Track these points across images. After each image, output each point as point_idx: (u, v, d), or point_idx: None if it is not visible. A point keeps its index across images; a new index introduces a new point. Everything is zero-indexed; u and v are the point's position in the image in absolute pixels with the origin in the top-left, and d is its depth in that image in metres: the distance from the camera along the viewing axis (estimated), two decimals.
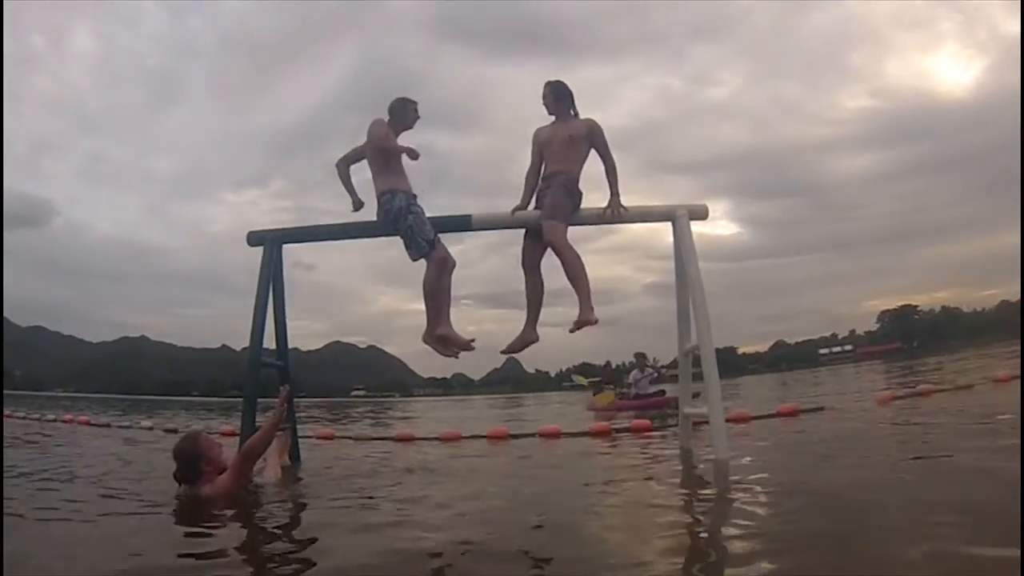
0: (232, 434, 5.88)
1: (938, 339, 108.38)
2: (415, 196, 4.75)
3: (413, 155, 4.67)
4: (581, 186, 4.86)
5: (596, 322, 4.68)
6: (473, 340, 4.87)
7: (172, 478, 3.73)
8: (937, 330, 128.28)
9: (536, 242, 4.81)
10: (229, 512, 3.36)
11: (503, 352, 5.05)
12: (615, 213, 4.76)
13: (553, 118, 4.98)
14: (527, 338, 4.91)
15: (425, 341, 4.79)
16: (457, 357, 4.89)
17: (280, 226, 5.10)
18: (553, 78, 5.03)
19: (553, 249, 4.67)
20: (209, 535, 2.85)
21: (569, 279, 4.68)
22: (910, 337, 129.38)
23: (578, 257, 4.67)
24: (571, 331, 4.72)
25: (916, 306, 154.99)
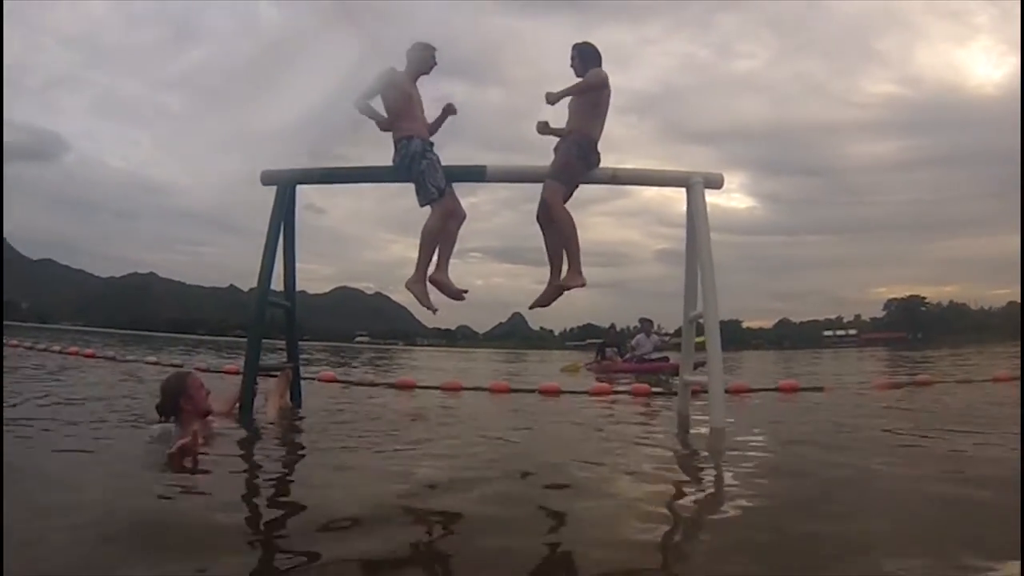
0: (236, 372, 5.94)
1: (943, 332, 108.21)
2: (431, 143, 4.73)
3: (452, 110, 4.87)
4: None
5: (583, 285, 4.69)
6: (466, 291, 4.88)
7: (155, 409, 3.77)
8: (943, 323, 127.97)
9: None
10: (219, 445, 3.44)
11: (531, 307, 5.04)
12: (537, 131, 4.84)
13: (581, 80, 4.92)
14: (556, 288, 4.90)
15: (408, 287, 4.74)
16: (435, 312, 4.86)
17: (294, 167, 5.07)
18: (579, 39, 4.96)
19: (548, 208, 4.67)
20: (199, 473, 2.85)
21: (560, 241, 4.71)
22: (915, 328, 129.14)
23: (571, 220, 4.68)
24: (554, 294, 4.74)
25: (924, 298, 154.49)
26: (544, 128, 4.99)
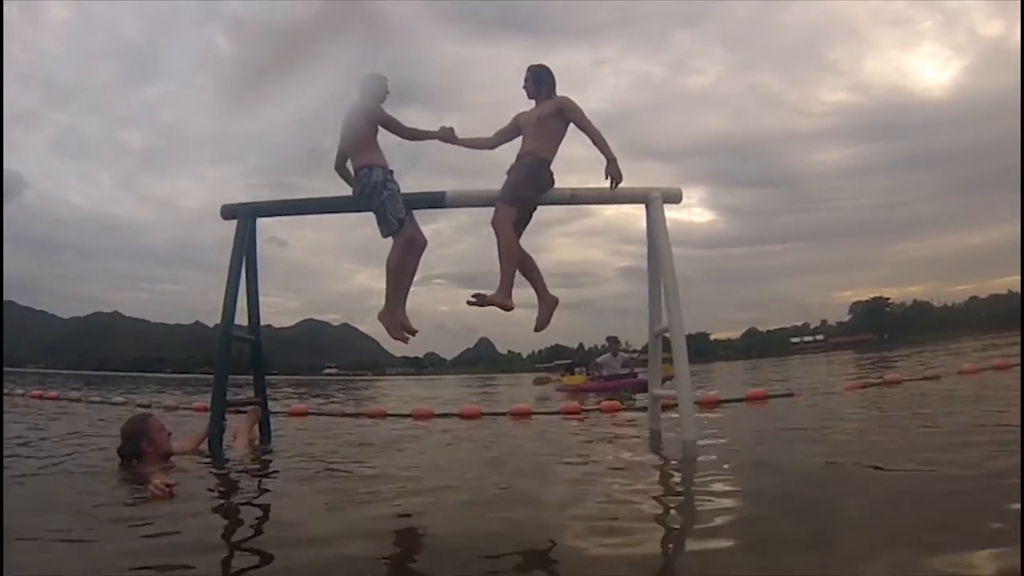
0: (204, 409, 5.86)
1: (909, 331, 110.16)
2: (391, 172, 4.73)
3: (450, 138, 4.94)
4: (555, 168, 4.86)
5: (510, 309, 4.66)
6: (416, 332, 4.89)
7: (116, 453, 3.75)
8: (908, 322, 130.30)
9: (516, 219, 4.79)
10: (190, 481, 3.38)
11: (536, 331, 5.00)
12: (613, 180, 4.71)
13: (533, 103, 4.98)
14: (548, 306, 4.93)
15: (380, 319, 4.79)
16: (406, 342, 4.88)
17: (255, 200, 5.04)
18: (535, 62, 5.01)
19: (494, 229, 4.67)
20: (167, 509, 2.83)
21: (500, 257, 4.68)
22: (881, 329, 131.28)
23: (510, 243, 4.66)
24: (477, 304, 4.71)
25: (888, 298, 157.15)
26: (449, 135, 4.96)
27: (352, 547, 2.14)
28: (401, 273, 4.75)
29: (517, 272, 4.76)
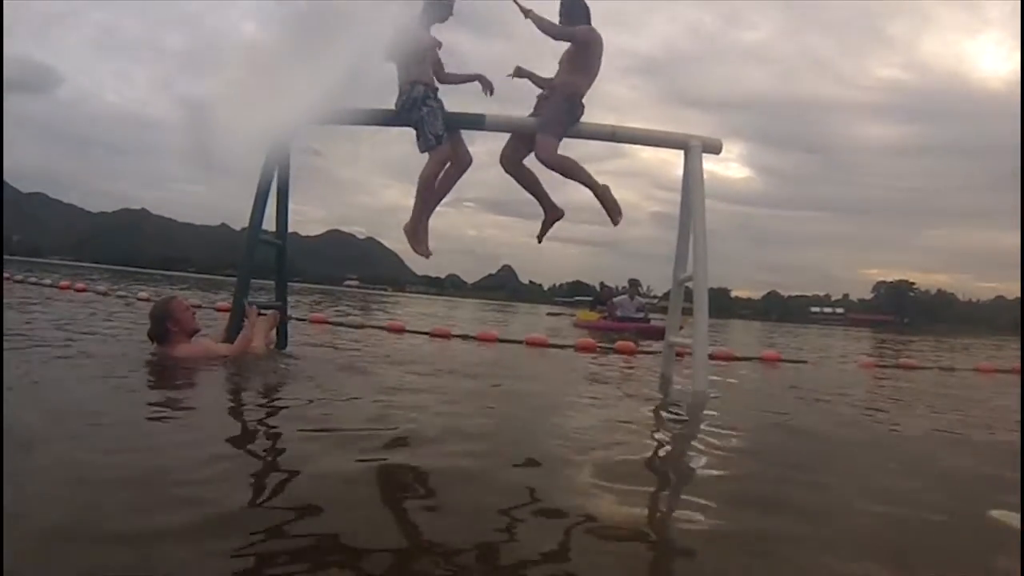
0: (226, 310, 5.95)
1: (929, 320, 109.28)
2: (435, 90, 4.68)
3: (487, 86, 4.92)
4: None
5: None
6: (431, 254, 4.91)
7: (147, 336, 4.05)
8: (930, 311, 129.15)
9: (520, 144, 4.84)
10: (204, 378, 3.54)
11: (539, 238, 5.15)
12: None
13: None
14: (552, 216, 5.03)
15: (405, 231, 4.83)
16: (428, 256, 4.90)
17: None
18: None
19: (546, 166, 4.68)
20: (184, 405, 2.92)
21: (583, 184, 4.76)
22: (903, 312, 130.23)
23: (571, 162, 4.70)
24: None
25: (913, 283, 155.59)
26: (519, 72, 4.96)
27: (345, 464, 2.13)
28: (431, 189, 4.75)
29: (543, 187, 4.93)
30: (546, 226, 5.05)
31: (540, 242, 5.18)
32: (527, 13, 4.65)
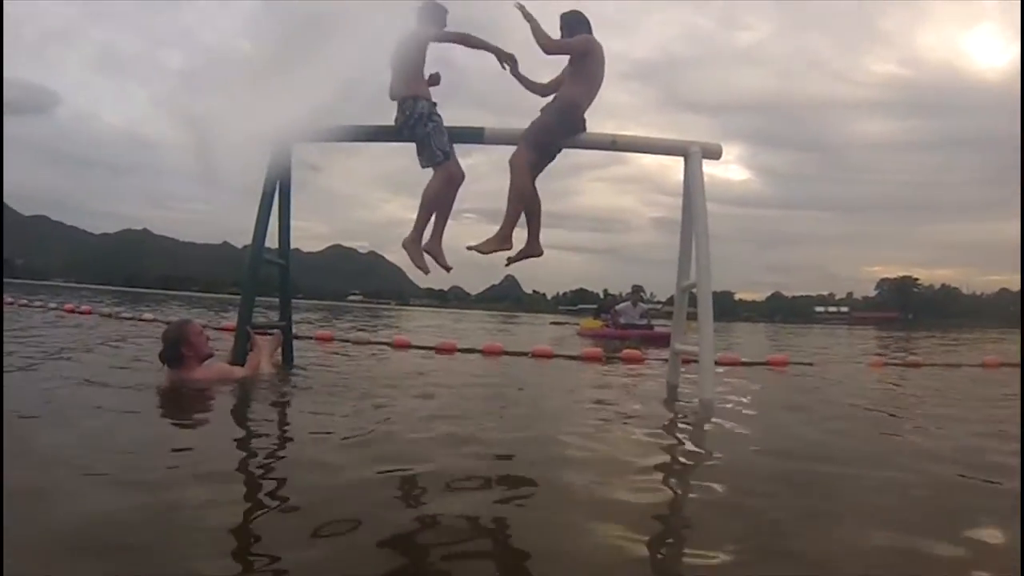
0: (230, 330, 5.94)
1: (935, 315, 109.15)
2: (435, 104, 4.68)
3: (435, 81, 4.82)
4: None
5: (509, 248, 4.70)
6: (450, 268, 4.87)
7: (158, 358, 4.00)
8: (935, 306, 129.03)
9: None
10: (212, 402, 3.54)
11: (508, 261, 5.01)
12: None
13: None
14: (530, 251, 4.96)
15: (404, 246, 4.76)
16: (427, 272, 4.84)
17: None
18: (567, 9, 4.88)
19: (511, 167, 4.63)
20: (193, 428, 2.95)
21: (508, 199, 4.67)
22: (907, 308, 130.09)
23: (525, 186, 4.64)
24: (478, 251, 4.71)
25: (917, 279, 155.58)
26: (514, 70, 4.88)
27: (362, 473, 2.18)
28: (437, 204, 4.72)
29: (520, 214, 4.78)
30: (521, 255, 4.94)
31: (508, 264, 5.04)
32: (529, 17, 4.61)
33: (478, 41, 4.72)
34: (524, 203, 4.68)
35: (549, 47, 4.69)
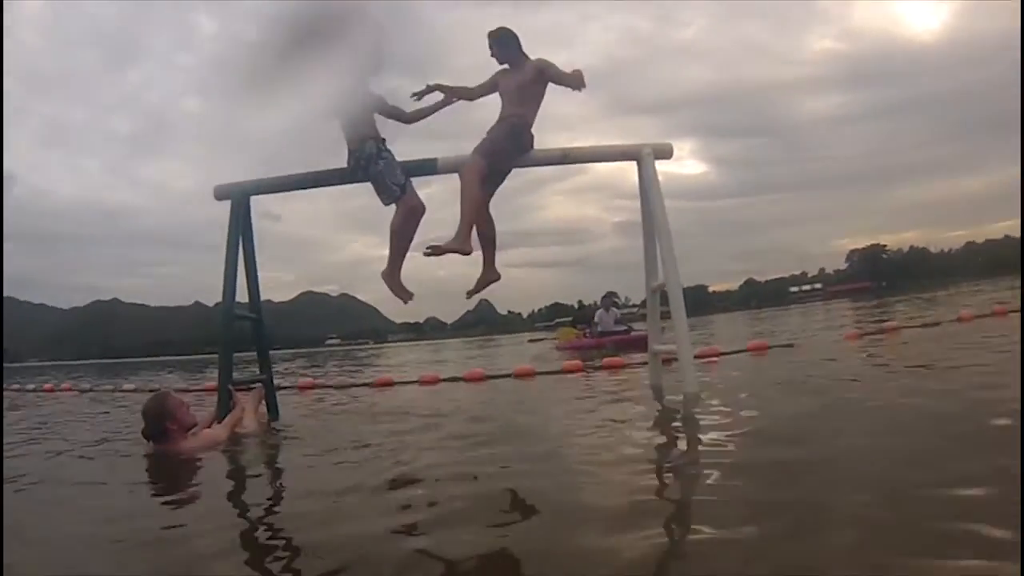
0: (213, 390, 5.91)
1: (907, 278, 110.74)
2: (383, 140, 4.72)
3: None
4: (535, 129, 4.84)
5: (468, 253, 4.69)
6: (412, 296, 4.90)
7: (141, 435, 3.82)
8: (905, 269, 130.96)
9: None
10: (205, 467, 3.46)
11: (468, 294, 5.16)
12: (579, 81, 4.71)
13: (507, 66, 4.94)
14: (488, 277, 5.03)
15: (384, 279, 4.81)
16: (406, 301, 4.88)
17: (247, 178, 5.00)
18: (520, 23, 4.96)
19: (461, 177, 4.66)
20: (186, 497, 2.88)
21: (462, 202, 4.68)
22: (879, 276, 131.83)
23: (475, 192, 4.67)
24: (434, 254, 4.67)
25: (885, 246, 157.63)
26: (428, 89, 4.95)
27: (369, 524, 2.14)
28: (404, 238, 4.75)
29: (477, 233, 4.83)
30: (480, 284, 5.05)
31: (468, 298, 5.19)
32: (569, 81, 4.70)
33: (413, 116, 4.93)
34: (476, 206, 4.69)
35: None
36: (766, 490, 2.13)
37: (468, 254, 4.69)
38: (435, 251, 4.62)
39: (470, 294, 5.12)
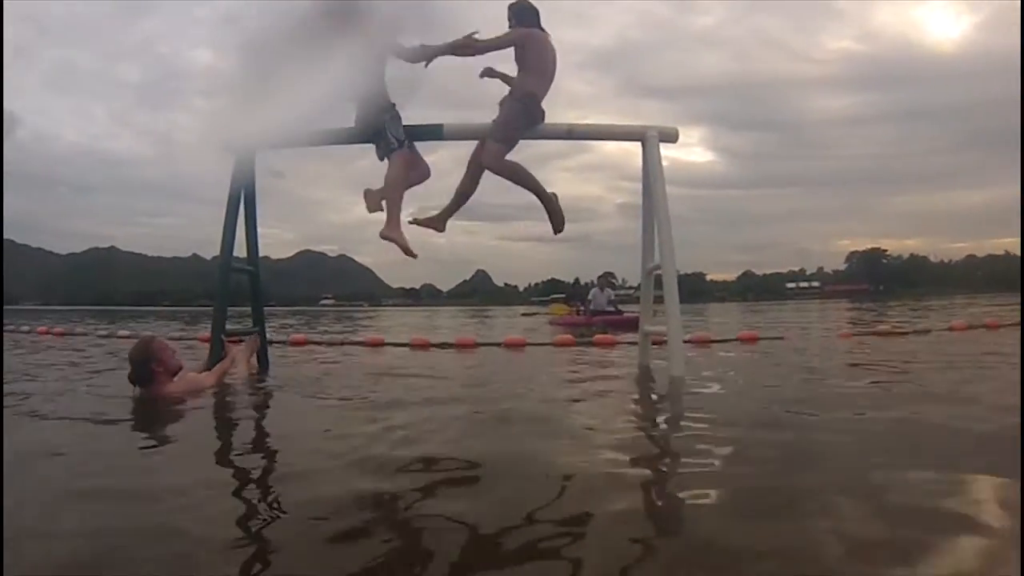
0: (206, 340, 5.94)
1: (904, 285, 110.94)
2: (392, 104, 4.71)
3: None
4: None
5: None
6: (416, 256, 4.87)
7: (128, 380, 3.87)
8: (904, 275, 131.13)
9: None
10: (193, 410, 3.52)
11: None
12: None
13: None
14: (433, 224, 5.06)
15: (385, 236, 4.71)
16: (415, 256, 4.82)
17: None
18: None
19: (493, 172, 4.73)
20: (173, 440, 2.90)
21: (530, 191, 4.81)
22: (877, 280, 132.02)
23: (517, 168, 4.73)
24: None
25: (885, 250, 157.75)
26: (490, 72, 4.97)
27: (352, 480, 2.13)
28: (400, 190, 4.72)
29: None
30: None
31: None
32: (470, 45, 4.71)
33: (434, 50, 4.77)
34: (528, 177, 4.80)
35: (483, 49, 4.76)
36: (735, 465, 2.24)
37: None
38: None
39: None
